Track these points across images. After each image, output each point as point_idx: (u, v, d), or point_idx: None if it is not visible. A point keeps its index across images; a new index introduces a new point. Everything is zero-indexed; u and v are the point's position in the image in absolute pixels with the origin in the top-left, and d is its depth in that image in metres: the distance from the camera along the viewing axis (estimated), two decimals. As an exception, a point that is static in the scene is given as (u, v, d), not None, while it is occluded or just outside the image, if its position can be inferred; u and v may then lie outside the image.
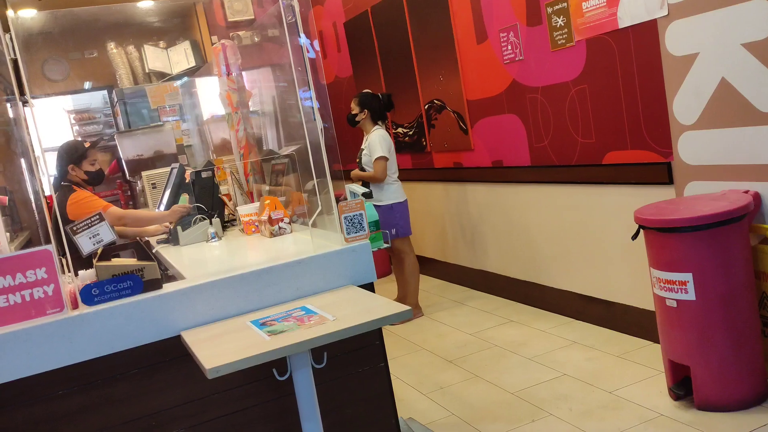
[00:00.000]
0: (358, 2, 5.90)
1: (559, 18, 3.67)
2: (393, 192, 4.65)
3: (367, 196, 2.87)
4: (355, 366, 2.46)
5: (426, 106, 5.19)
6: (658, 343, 3.03)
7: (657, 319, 2.90)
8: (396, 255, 4.77)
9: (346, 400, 2.45)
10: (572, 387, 3.19)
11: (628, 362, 3.34)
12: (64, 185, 3.61)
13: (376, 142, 4.58)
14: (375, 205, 4.60)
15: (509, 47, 4.12)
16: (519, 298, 4.60)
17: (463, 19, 4.51)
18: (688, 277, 2.66)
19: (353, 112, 4.74)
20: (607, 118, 3.53)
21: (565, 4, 3.61)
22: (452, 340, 4.09)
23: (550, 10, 3.72)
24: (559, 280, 4.18)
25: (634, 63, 3.30)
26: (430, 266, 5.69)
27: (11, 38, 2.04)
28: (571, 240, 3.98)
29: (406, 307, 2.04)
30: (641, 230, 2.86)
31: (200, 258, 3.19)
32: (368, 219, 2.54)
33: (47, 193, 2.33)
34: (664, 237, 2.72)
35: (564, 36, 3.67)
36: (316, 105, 2.49)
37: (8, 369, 1.99)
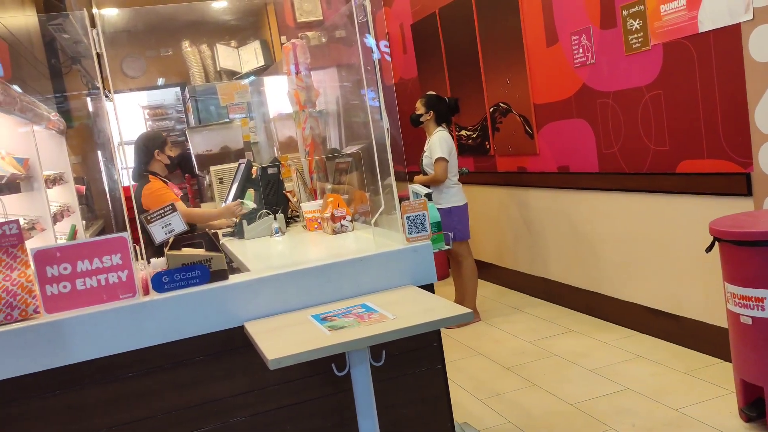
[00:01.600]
0: (426, 4, 5.91)
1: (635, 21, 3.57)
2: (452, 195, 4.63)
3: (429, 197, 2.88)
4: (412, 366, 2.46)
5: (491, 109, 5.14)
6: (730, 362, 2.90)
7: (729, 337, 2.78)
8: (454, 258, 4.75)
9: (402, 399, 2.45)
10: (635, 402, 3.09)
11: (696, 380, 3.22)
12: (144, 175, 3.86)
13: (437, 143, 4.58)
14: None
15: (580, 50, 4.03)
16: (581, 308, 4.49)
17: (533, 21, 4.45)
18: (765, 293, 2.54)
19: (418, 112, 4.73)
20: (683, 125, 3.41)
21: (642, 6, 3.50)
22: (510, 347, 4.03)
23: (625, 12, 3.63)
24: (624, 291, 4.06)
25: (714, 69, 3.18)
26: (489, 271, 5.63)
27: (98, 34, 2.14)
28: (639, 250, 3.87)
29: (467, 310, 2.02)
30: (716, 243, 2.75)
31: (264, 252, 3.26)
32: (431, 220, 2.54)
33: (124, 183, 2.44)
34: (742, 250, 2.61)
35: (639, 39, 3.57)
36: (382, 105, 2.50)
37: (83, 349, 2.08)
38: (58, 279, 2.10)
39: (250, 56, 7.69)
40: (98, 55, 2.16)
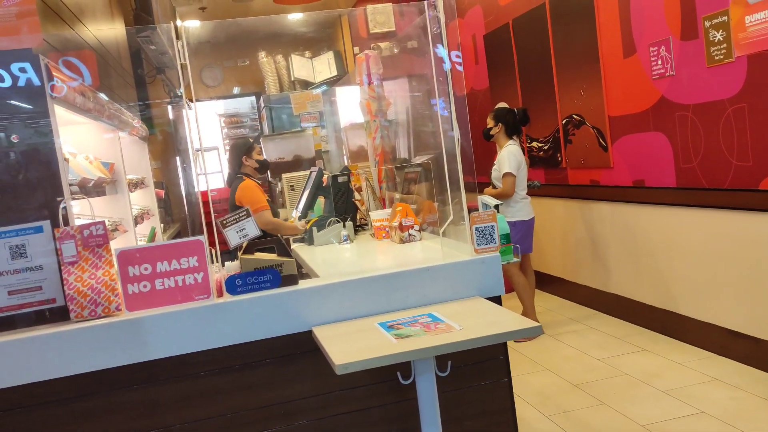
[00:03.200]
0: (499, 15, 5.88)
1: (718, 32, 3.44)
2: (518, 210, 4.58)
3: (498, 209, 2.86)
4: (477, 378, 2.45)
5: (564, 121, 5.05)
6: (815, 390, 2.74)
7: (815, 363, 2.63)
8: (505, 272, 4.66)
9: (466, 412, 2.43)
10: (711, 426, 2.96)
11: (777, 407, 3.05)
12: (237, 177, 4.17)
13: (505, 158, 4.56)
14: None
15: (659, 62, 3.92)
16: (654, 327, 4.34)
17: (610, 31, 4.36)
18: None
19: (488, 126, 4.75)
20: (767, 140, 3.26)
21: (726, 17, 3.38)
22: (579, 364, 3.94)
23: (707, 23, 3.51)
24: (701, 311, 3.90)
25: (803, 81, 3.03)
26: (556, 285, 5.52)
27: (182, 45, 2.24)
28: (718, 269, 3.71)
29: (535, 323, 2.00)
30: (802, 263, 2.61)
31: (332, 258, 3.31)
32: (500, 232, 2.52)
33: (202, 188, 2.56)
34: (830, 273, 2.46)
35: (722, 51, 3.44)
36: (453, 115, 2.51)
37: (160, 347, 2.18)
38: (139, 279, 2.21)
39: (324, 66, 7.85)
40: (182, 66, 2.26)
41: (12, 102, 2.21)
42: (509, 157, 4.55)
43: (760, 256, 3.40)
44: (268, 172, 6.39)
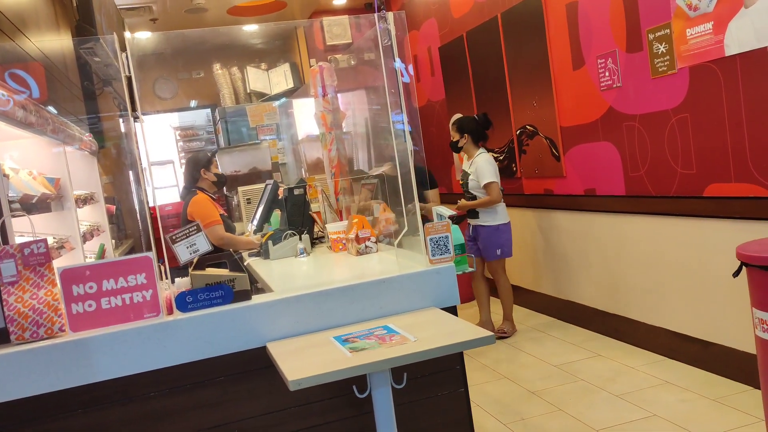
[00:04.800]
0: (454, 27, 5.95)
1: (661, 45, 3.55)
2: (500, 213, 4.69)
3: (453, 219, 2.88)
4: (434, 389, 2.44)
5: (518, 132, 5.13)
6: (759, 389, 2.82)
7: (758, 364, 2.70)
8: (492, 275, 4.80)
9: (423, 423, 2.42)
10: (663, 429, 3.02)
11: (725, 407, 3.13)
12: (192, 191, 4.07)
13: (484, 167, 4.61)
14: (482, 226, 4.64)
15: (607, 74, 4.01)
16: (608, 332, 4.41)
17: (559, 44, 4.45)
18: (797, 320, 2.47)
19: (454, 140, 4.78)
20: (710, 148, 3.36)
21: (668, 30, 3.48)
22: (536, 371, 3.97)
23: (651, 36, 3.61)
24: (651, 316, 3.99)
25: (741, 92, 3.13)
26: (516, 294, 5.58)
27: (127, 57, 2.19)
28: (666, 274, 3.80)
29: (489, 333, 2.00)
30: (744, 267, 2.69)
31: (288, 272, 3.28)
32: (454, 242, 2.53)
33: (151, 204, 2.49)
34: (771, 276, 2.54)
35: (666, 63, 3.54)
36: (407, 128, 2.52)
37: (106, 368, 2.11)
38: (84, 298, 2.14)
39: (280, 78, 7.81)
40: (128, 78, 2.21)
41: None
42: (486, 165, 4.61)
43: (705, 261, 3.49)
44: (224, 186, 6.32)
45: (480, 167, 4.63)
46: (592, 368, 3.89)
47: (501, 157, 5.41)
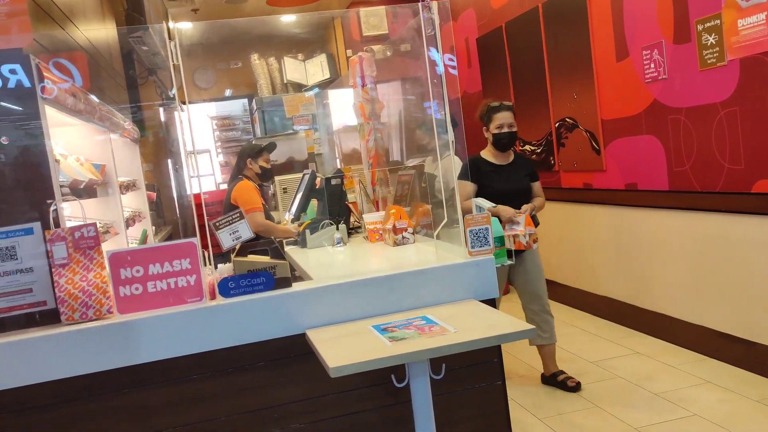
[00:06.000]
0: (492, 18, 5.89)
1: (711, 36, 3.46)
2: None
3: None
4: (471, 381, 2.44)
5: (556, 124, 5.06)
6: (808, 392, 2.75)
7: (808, 366, 2.64)
8: None
9: (460, 414, 2.42)
10: (703, 429, 2.96)
11: (767, 408, 3.06)
12: (238, 177, 4.20)
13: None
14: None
15: (652, 65, 3.93)
16: (646, 329, 4.35)
17: (603, 35, 4.37)
18: None
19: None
20: (760, 143, 3.27)
21: (718, 21, 3.39)
22: (573, 367, 3.93)
23: (700, 27, 3.52)
24: (693, 314, 3.91)
25: (794, 85, 3.04)
26: (552, 289, 5.52)
27: (175, 46, 2.23)
28: (710, 272, 3.72)
29: (530, 326, 1.99)
30: (794, 266, 2.62)
31: (325, 261, 3.30)
32: (494, 234, 2.51)
33: (195, 191, 2.53)
34: (822, 275, 2.47)
35: (715, 55, 3.45)
36: (448, 118, 2.50)
37: (151, 350, 2.16)
38: (131, 281, 2.19)
39: (316, 69, 7.84)
40: (175, 67, 2.24)
41: (2, 103, 2.18)
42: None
43: (751, 259, 3.41)
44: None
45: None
46: (630, 365, 3.83)
47: (538, 150, 5.36)
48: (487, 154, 3.74)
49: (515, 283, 3.76)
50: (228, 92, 8.62)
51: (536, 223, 3.56)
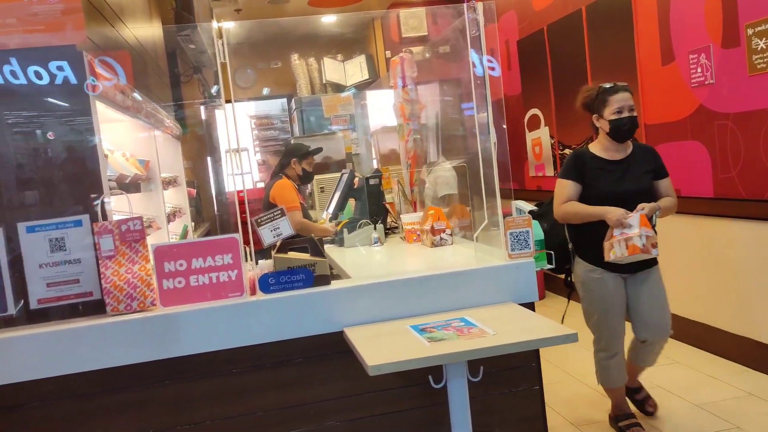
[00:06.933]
0: (534, 20, 5.84)
1: (761, 40, 3.37)
2: None
3: (533, 215, 2.81)
4: (508, 385, 2.42)
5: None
6: None
7: None
8: None
9: (497, 418, 2.41)
10: (746, 443, 2.89)
11: (816, 425, 2.97)
12: (278, 175, 4.26)
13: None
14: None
15: (699, 70, 3.85)
16: (687, 339, 4.25)
17: (648, 39, 4.30)
18: None
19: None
20: (812, 150, 3.17)
21: (770, 24, 3.31)
22: (608, 374, 3.87)
23: (750, 31, 3.43)
24: (737, 325, 3.81)
25: None
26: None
27: (223, 44, 2.26)
28: (756, 282, 3.62)
29: (571, 331, 1.97)
30: None
31: (363, 261, 3.31)
32: (534, 237, 2.49)
33: (235, 188, 2.57)
34: None
35: (765, 60, 3.36)
36: (490, 120, 2.49)
37: (193, 343, 2.19)
38: (174, 274, 2.23)
39: (355, 70, 7.87)
40: (222, 65, 2.28)
41: (53, 99, 2.25)
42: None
43: (800, 270, 3.31)
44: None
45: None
46: (670, 375, 3.75)
47: (579, 154, 5.29)
48: (597, 147, 3.04)
49: (629, 304, 3.03)
50: (265, 91, 8.70)
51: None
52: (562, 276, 3.25)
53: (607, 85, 3.02)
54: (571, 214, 2.98)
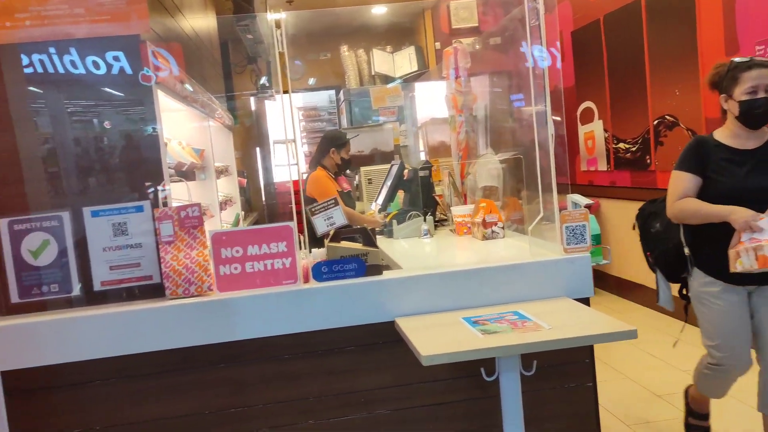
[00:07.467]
0: (590, 11, 5.71)
1: (834, 30, 3.22)
2: None
3: (589, 208, 2.73)
4: (561, 380, 2.39)
5: (655, 122, 4.86)
6: None
7: None
8: None
9: (548, 413, 2.38)
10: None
11: None
12: (315, 166, 4.20)
13: None
14: None
15: (765, 61, 3.70)
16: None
17: (711, 29, 4.15)
18: None
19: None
20: None
21: None
22: (662, 374, 3.78)
23: (822, 20, 3.28)
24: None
25: None
26: (638, 292, 5.32)
27: (282, 34, 2.28)
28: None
29: (631, 327, 1.92)
30: None
31: (412, 252, 3.31)
32: (591, 232, 2.44)
33: (286, 178, 2.61)
34: None
35: (838, 50, 3.21)
36: (549, 111, 2.45)
37: (247, 327, 2.23)
38: (231, 260, 2.27)
39: (404, 61, 7.85)
40: (280, 55, 2.30)
41: (115, 89, 2.30)
42: None
43: None
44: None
45: None
46: (726, 377, 3.64)
47: (633, 148, 5.16)
48: (725, 133, 2.56)
49: (754, 325, 2.58)
50: (311, 81, 8.73)
51: None
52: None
53: (742, 60, 2.49)
54: (687, 212, 2.50)
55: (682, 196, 2.52)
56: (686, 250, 2.63)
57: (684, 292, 2.72)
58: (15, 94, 2.24)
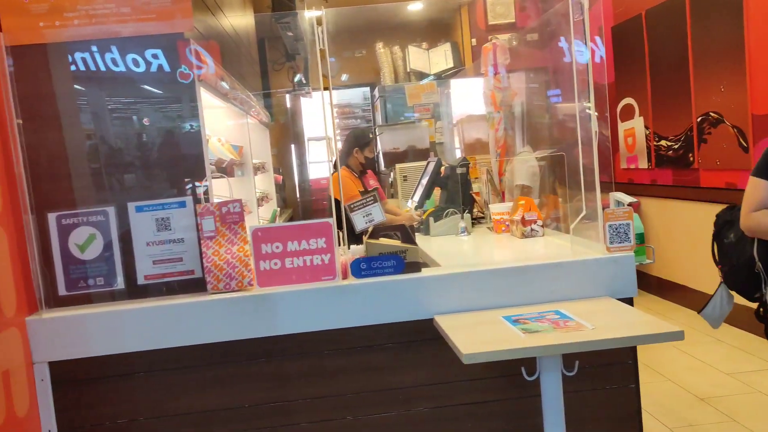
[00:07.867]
0: (631, 6, 5.59)
1: None
2: None
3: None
4: (603, 381, 2.35)
5: (699, 119, 4.74)
6: None
7: None
8: None
9: (589, 414, 2.34)
10: None
11: None
12: (340, 167, 4.10)
13: None
14: None
15: (816, 56, 3.58)
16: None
17: (759, 23, 4.03)
18: None
19: None
20: None
21: None
22: (705, 377, 3.69)
23: None
24: None
25: None
26: (680, 293, 5.21)
27: (323, 31, 2.28)
28: None
29: (676, 328, 1.88)
30: None
31: (449, 249, 3.28)
32: (635, 231, 2.39)
33: (320, 175, 2.62)
34: None
35: None
36: (593, 108, 2.40)
37: (287, 323, 2.24)
38: (271, 256, 2.28)
39: (440, 58, 7.81)
40: (321, 52, 2.30)
41: (158, 87, 2.34)
42: None
43: None
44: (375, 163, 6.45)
45: None
46: (771, 381, 3.55)
47: (676, 146, 5.05)
48: None
49: None
50: (344, 77, 8.73)
51: None
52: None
53: None
54: (765, 226, 2.25)
55: (758, 207, 2.27)
56: (759, 266, 2.34)
57: (761, 312, 2.42)
58: (62, 92, 2.29)
